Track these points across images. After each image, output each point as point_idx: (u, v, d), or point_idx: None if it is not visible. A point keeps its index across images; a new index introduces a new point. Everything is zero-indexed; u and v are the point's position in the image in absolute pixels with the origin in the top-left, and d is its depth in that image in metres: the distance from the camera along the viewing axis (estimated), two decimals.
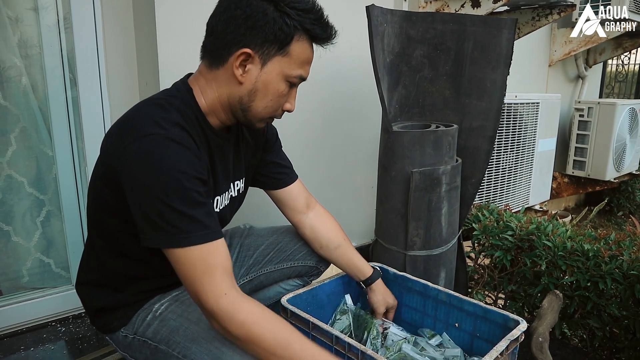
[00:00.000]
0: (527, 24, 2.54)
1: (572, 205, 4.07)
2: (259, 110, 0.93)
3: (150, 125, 0.82)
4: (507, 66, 1.52)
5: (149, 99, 0.92)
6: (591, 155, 3.36)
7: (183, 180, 0.79)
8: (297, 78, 0.92)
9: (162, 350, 0.92)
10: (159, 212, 0.78)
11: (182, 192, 0.79)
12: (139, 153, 0.79)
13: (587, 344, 1.53)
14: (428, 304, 1.25)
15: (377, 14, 1.41)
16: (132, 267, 0.98)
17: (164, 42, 1.40)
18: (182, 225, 0.79)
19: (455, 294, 1.18)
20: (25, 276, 1.53)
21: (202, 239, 0.80)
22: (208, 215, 0.83)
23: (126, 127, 0.85)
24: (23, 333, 1.46)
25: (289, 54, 0.89)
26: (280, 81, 0.91)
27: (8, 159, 1.44)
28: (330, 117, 1.92)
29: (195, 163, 0.83)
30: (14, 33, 1.41)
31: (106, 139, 0.90)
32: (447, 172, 1.43)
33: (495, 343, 0.98)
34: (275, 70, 0.89)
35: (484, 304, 1.13)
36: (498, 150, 2.53)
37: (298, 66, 0.91)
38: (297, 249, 1.27)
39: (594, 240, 1.51)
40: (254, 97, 0.91)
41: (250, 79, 0.89)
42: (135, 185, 0.80)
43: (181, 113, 0.88)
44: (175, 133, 0.83)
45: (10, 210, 1.48)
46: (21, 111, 1.45)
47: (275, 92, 0.91)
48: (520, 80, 3.09)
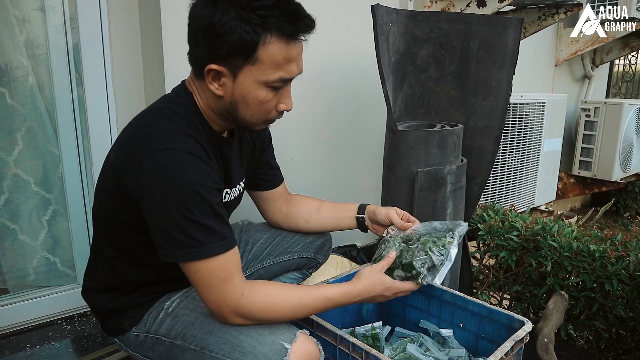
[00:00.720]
0: (533, 24, 2.53)
1: (578, 206, 4.05)
2: (247, 118, 0.90)
3: (162, 139, 0.82)
4: (513, 66, 1.51)
5: (152, 108, 0.91)
6: (597, 156, 3.33)
7: (204, 193, 0.80)
8: (279, 81, 0.85)
9: (177, 346, 0.93)
10: (180, 227, 0.79)
11: (203, 205, 0.80)
12: (154, 169, 0.79)
13: (593, 346, 1.52)
14: (433, 304, 1.24)
15: (382, 14, 1.41)
16: (145, 275, 0.98)
17: (169, 41, 1.41)
18: (202, 237, 0.81)
19: (460, 294, 1.18)
20: (32, 274, 1.54)
21: (222, 249, 0.83)
22: (225, 224, 0.85)
23: (137, 142, 0.84)
24: (29, 331, 1.47)
25: (259, 61, 0.82)
26: (257, 89, 0.85)
27: (15, 158, 1.45)
28: (335, 117, 1.92)
29: (211, 173, 0.84)
30: (21, 33, 1.42)
31: (115, 154, 0.89)
32: (452, 171, 1.43)
33: (500, 343, 0.97)
34: (248, 81, 0.84)
35: (489, 304, 1.13)
36: (504, 150, 2.52)
37: (274, 70, 0.84)
38: (294, 241, 1.29)
39: (600, 241, 1.50)
40: (236, 107, 0.88)
41: (227, 92, 0.86)
42: (154, 202, 0.80)
43: (187, 122, 0.88)
44: (188, 145, 0.83)
45: (16, 209, 1.49)
46: (28, 110, 1.45)
47: (255, 101, 0.87)
48: (526, 80, 3.08)
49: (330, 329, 1.01)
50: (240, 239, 1.30)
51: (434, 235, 1.06)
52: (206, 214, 0.81)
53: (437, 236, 1.05)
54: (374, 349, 0.93)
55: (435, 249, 1.02)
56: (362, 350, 0.94)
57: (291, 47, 0.84)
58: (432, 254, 1.01)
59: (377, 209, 1.21)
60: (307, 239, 1.29)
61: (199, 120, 0.91)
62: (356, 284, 0.96)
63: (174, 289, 1.02)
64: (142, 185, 0.81)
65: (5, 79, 1.41)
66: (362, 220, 1.24)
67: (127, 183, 0.84)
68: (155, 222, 0.82)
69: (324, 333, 1.03)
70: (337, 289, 0.94)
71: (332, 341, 1.01)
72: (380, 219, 1.19)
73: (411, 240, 1.06)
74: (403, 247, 1.05)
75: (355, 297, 0.96)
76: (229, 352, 0.86)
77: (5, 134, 1.43)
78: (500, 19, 1.53)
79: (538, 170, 2.81)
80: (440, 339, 1.20)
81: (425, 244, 1.03)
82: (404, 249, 1.04)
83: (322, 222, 1.26)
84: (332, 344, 1.01)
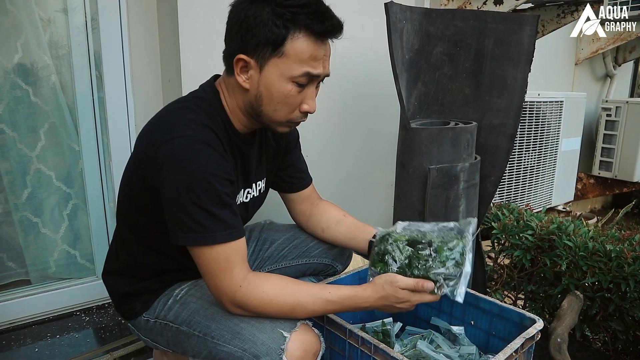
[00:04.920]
0: (552, 21, 2.49)
1: (598, 207, 3.96)
2: (270, 114, 0.92)
3: (180, 128, 0.85)
4: (529, 63, 1.50)
5: (178, 101, 0.95)
6: (619, 156, 3.26)
7: (213, 181, 0.83)
8: (304, 77, 0.88)
9: (183, 332, 0.95)
10: (188, 211, 0.82)
11: (211, 193, 0.83)
12: (169, 155, 0.83)
13: (609, 347, 1.49)
14: (444, 301, 1.24)
15: (395, 11, 1.41)
16: (161, 262, 1.01)
17: (186, 41, 1.44)
18: (209, 224, 0.83)
19: (472, 291, 1.18)
20: (52, 267, 1.59)
21: (227, 238, 0.85)
22: (233, 214, 0.87)
23: (157, 129, 0.89)
24: (50, 321, 1.52)
25: (285, 55, 0.85)
26: (283, 83, 0.88)
27: (37, 154, 1.51)
28: (349, 115, 1.93)
29: (223, 164, 0.86)
30: (45, 33, 1.47)
31: (138, 140, 0.94)
32: (465, 169, 1.42)
33: (511, 341, 0.97)
34: (274, 73, 0.87)
35: (501, 302, 1.12)
36: (520, 148, 2.49)
37: (299, 65, 0.86)
38: (312, 245, 1.27)
39: (617, 241, 1.47)
40: (260, 101, 0.90)
41: (254, 85, 0.89)
42: (167, 187, 0.84)
43: (209, 115, 0.90)
44: (204, 135, 0.86)
45: (39, 203, 1.54)
46: (50, 108, 1.51)
47: (279, 95, 0.89)
48: (545, 78, 3.03)
49: (340, 323, 1.02)
50: (259, 237, 1.30)
51: (445, 238, 0.95)
52: (214, 202, 0.83)
53: (449, 238, 0.94)
54: (382, 343, 0.94)
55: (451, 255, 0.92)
56: (370, 345, 0.95)
57: (318, 46, 0.87)
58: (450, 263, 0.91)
59: None
60: (326, 245, 1.27)
61: (221, 116, 0.94)
62: (367, 291, 0.92)
63: (187, 278, 1.05)
64: (159, 170, 0.84)
65: (30, 77, 1.46)
66: None
67: (146, 168, 0.88)
68: (168, 206, 0.85)
69: (333, 327, 1.04)
70: (343, 292, 0.91)
71: (341, 335, 1.02)
72: None
73: (419, 243, 0.95)
74: (411, 252, 0.94)
75: (362, 303, 0.92)
76: (229, 339, 0.88)
77: (29, 131, 1.48)
78: (516, 16, 1.51)
79: (555, 170, 2.76)
80: (452, 336, 1.20)
81: (440, 251, 0.93)
82: (412, 256, 0.94)
83: (337, 236, 1.22)
84: (342, 338, 1.02)
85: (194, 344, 0.94)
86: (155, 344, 1.03)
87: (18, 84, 1.45)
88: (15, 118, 1.46)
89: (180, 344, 0.97)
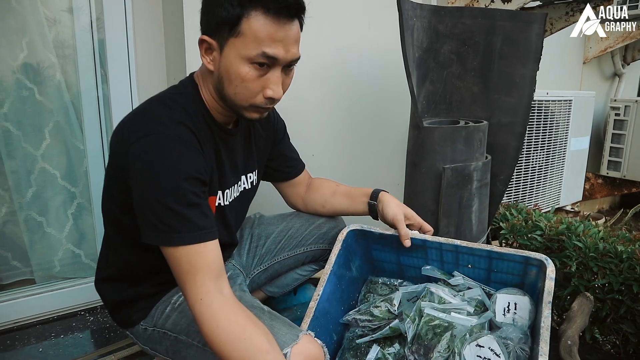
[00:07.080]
0: (560, 20, 2.46)
1: (606, 207, 3.92)
2: (232, 97, 0.89)
3: (153, 124, 0.84)
4: (537, 61, 1.48)
5: (155, 97, 0.93)
6: (627, 156, 3.22)
7: (179, 180, 0.80)
8: (262, 57, 0.83)
9: (182, 341, 0.94)
10: (154, 210, 0.80)
11: (177, 191, 0.80)
12: (140, 152, 0.81)
13: (620, 350, 1.47)
14: (431, 252, 1.14)
15: (407, 8, 1.39)
16: (149, 260, 0.99)
17: (191, 40, 1.43)
18: (174, 224, 0.80)
19: (464, 243, 1.06)
20: (57, 266, 1.59)
21: (193, 240, 0.81)
22: (202, 215, 0.83)
23: (131, 125, 0.87)
24: (54, 321, 1.52)
25: (242, 34, 0.82)
26: (240, 64, 0.84)
27: (42, 152, 1.50)
28: (355, 113, 1.92)
29: (195, 163, 0.84)
30: (51, 32, 1.47)
31: (113, 136, 0.92)
32: (479, 168, 1.41)
33: (517, 275, 0.91)
34: (232, 54, 0.84)
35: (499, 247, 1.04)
36: (528, 148, 2.46)
37: (256, 45, 0.82)
38: (308, 233, 1.27)
39: (628, 242, 1.44)
40: (222, 83, 0.88)
41: (216, 66, 0.88)
42: (136, 184, 0.82)
43: (186, 111, 0.89)
44: (177, 132, 0.84)
45: (44, 202, 1.53)
46: (55, 106, 1.50)
47: (237, 76, 0.85)
48: (553, 77, 3.00)
49: None
50: (252, 233, 1.29)
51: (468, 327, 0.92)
52: (181, 202, 0.80)
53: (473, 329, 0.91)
54: None
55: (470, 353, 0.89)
56: None
57: (277, 26, 0.83)
58: None
59: (386, 207, 1.15)
60: (321, 230, 1.27)
61: (200, 110, 0.92)
62: None
63: None
64: (129, 167, 0.83)
65: (36, 76, 1.46)
66: (374, 207, 1.19)
67: (120, 165, 0.86)
68: (137, 204, 0.83)
69: None
70: None
71: None
72: (387, 220, 1.15)
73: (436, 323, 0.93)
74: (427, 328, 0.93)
75: None
76: None
77: (34, 129, 1.48)
78: (524, 14, 1.49)
79: (564, 169, 2.73)
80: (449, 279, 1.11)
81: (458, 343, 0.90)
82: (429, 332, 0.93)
83: (336, 207, 1.25)
84: None
85: (193, 354, 0.92)
86: (155, 352, 1.01)
87: (23, 82, 1.44)
88: (21, 117, 1.45)
89: (179, 353, 0.95)
